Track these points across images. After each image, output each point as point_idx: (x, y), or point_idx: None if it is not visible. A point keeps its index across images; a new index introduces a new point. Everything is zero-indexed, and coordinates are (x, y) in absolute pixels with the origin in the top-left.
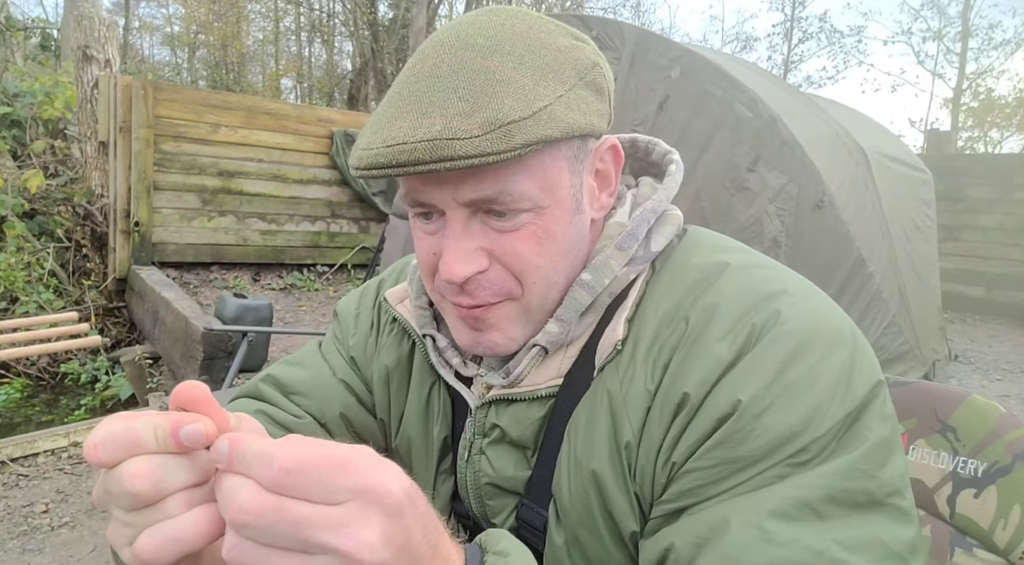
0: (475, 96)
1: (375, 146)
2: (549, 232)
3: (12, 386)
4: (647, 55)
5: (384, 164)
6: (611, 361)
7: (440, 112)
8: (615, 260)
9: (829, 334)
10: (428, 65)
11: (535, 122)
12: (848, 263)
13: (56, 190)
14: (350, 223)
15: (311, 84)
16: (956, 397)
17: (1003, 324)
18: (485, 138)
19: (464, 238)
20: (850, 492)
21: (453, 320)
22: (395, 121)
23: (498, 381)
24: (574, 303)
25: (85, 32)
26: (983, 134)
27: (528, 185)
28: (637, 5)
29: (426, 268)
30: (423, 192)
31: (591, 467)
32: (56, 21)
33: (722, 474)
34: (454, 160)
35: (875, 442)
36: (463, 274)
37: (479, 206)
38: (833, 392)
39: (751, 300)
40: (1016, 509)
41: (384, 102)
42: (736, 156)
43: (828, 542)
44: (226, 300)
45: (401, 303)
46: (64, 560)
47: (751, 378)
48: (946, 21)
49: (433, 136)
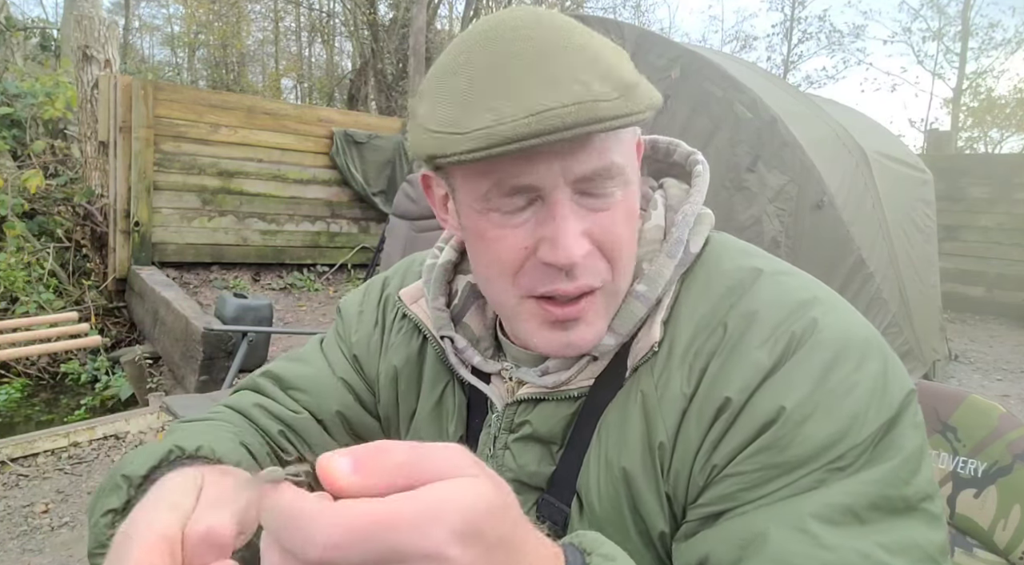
0: (594, 64)
1: (508, 119)
2: (632, 211)
3: (12, 386)
4: (647, 55)
5: (528, 134)
6: (646, 362)
7: (573, 78)
8: (667, 269)
9: (861, 343)
10: (513, 49)
11: (646, 88)
12: (848, 263)
13: (56, 190)
14: (350, 223)
15: (311, 84)
16: (956, 397)
17: (1003, 324)
18: (623, 100)
19: (574, 218)
20: (889, 498)
21: (534, 325)
22: (519, 95)
23: (533, 379)
24: (631, 316)
25: (85, 32)
26: (983, 134)
27: (623, 159)
28: (637, 5)
29: (508, 267)
30: (527, 173)
31: (622, 465)
32: (56, 21)
33: (763, 479)
34: (602, 121)
35: (911, 450)
36: (580, 253)
37: (581, 184)
38: (870, 400)
39: (787, 308)
40: (1016, 509)
41: (470, 83)
42: (736, 156)
43: (872, 546)
44: (226, 300)
45: (416, 303)
46: (64, 560)
47: (793, 385)
48: (946, 21)
49: (579, 99)
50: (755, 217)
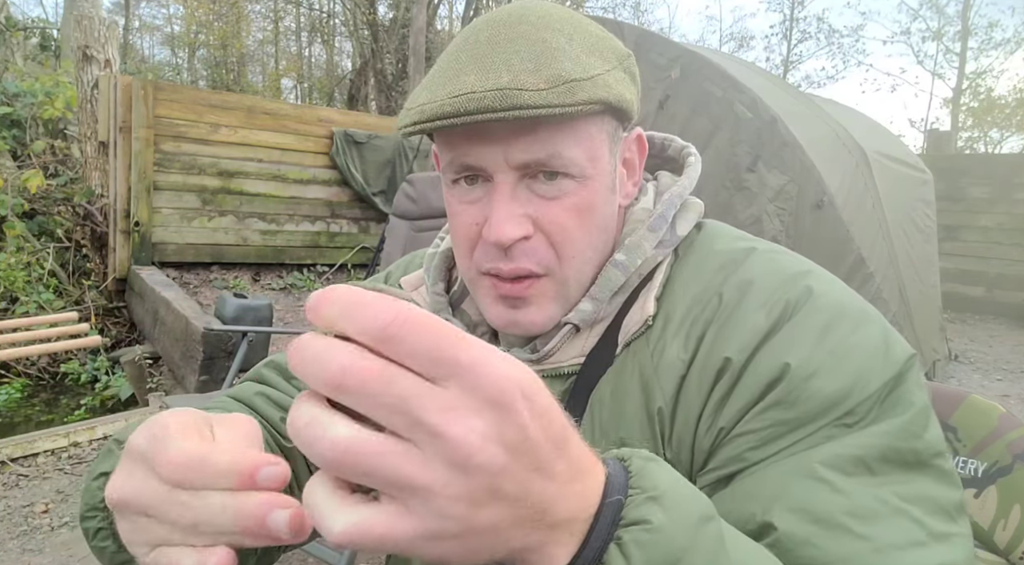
0: (537, 57)
1: (438, 98)
2: (589, 204)
3: (12, 386)
4: (647, 55)
5: (450, 113)
6: (640, 337)
7: (506, 68)
8: (647, 241)
9: (858, 311)
10: (484, 36)
11: (593, 84)
12: (848, 263)
13: (56, 190)
14: (350, 223)
15: (311, 84)
16: (956, 397)
17: (1003, 324)
18: (551, 91)
19: (512, 202)
20: (900, 451)
21: (489, 300)
22: (458, 77)
23: (525, 356)
24: (608, 282)
25: (85, 32)
26: (983, 134)
27: (576, 152)
28: (636, 5)
29: (465, 241)
30: (472, 153)
31: (620, 435)
32: (56, 21)
33: (773, 435)
34: (522, 109)
35: (920, 407)
36: (512, 235)
37: (528, 171)
38: (873, 358)
39: (782, 277)
40: (1016, 509)
41: (438, 68)
42: (736, 156)
43: (888, 493)
44: (226, 300)
45: (416, 290)
46: (64, 560)
47: (794, 344)
48: (945, 21)
49: (502, 86)
50: (755, 217)
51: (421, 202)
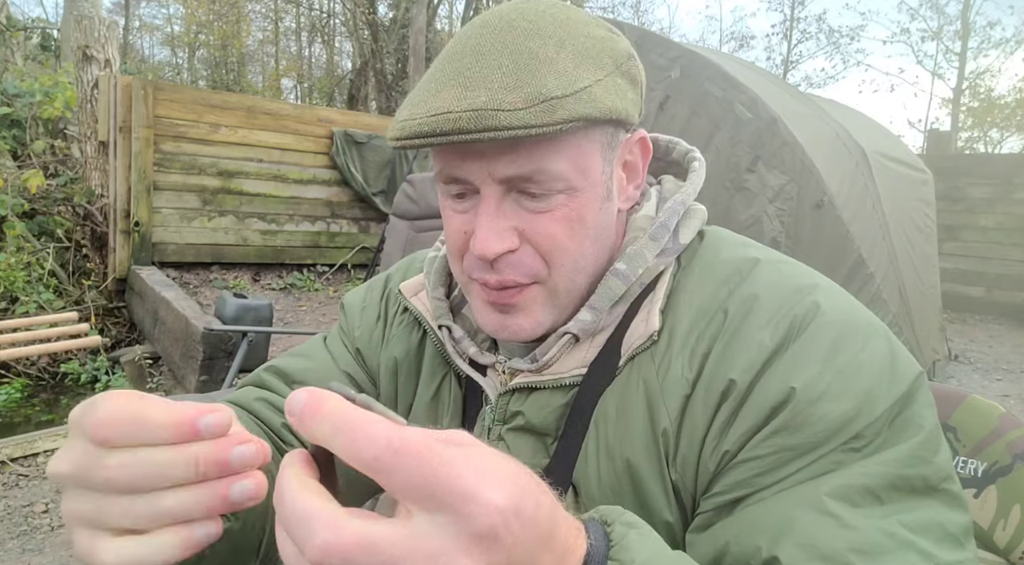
0: (518, 73)
1: (418, 116)
2: (580, 216)
3: (12, 386)
4: (647, 55)
5: (427, 133)
6: (645, 351)
7: (484, 85)
8: (649, 250)
9: (865, 325)
10: (471, 44)
11: (576, 101)
12: (848, 263)
13: (56, 190)
14: (350, 223)
15: (311, 84)
16: (956, 397)
17: (1003, 324)
18: (528, 111)
19: (497, 216)
20: (909, 479)
21: (479, 303)
22: (439, 93)
23: (524, 366)
24: (608, 292)
25: (85, 32)
26: (983, 134)
27: (563, 165)
28: (636, 5)
29: (456, 249)
30: (459, 167)
31: (625, 456)
32: (56, 21)
33: (780, 462)
34: (497, 130)
35: (929, 429)
36: (495, 250)
37: (514, 184)
38: (880, 377)
39: (788, 292)
40: (1016, 509)
41: (425, 78)
42: (736, 156)
43: (895, 524)
44: (226, 300)
45: (416, 296)
46: (64, 560)
47: (801, 366)
48: (944, 20)
49: (478, 106)
50: (755, 217)
51: (421, 202)
